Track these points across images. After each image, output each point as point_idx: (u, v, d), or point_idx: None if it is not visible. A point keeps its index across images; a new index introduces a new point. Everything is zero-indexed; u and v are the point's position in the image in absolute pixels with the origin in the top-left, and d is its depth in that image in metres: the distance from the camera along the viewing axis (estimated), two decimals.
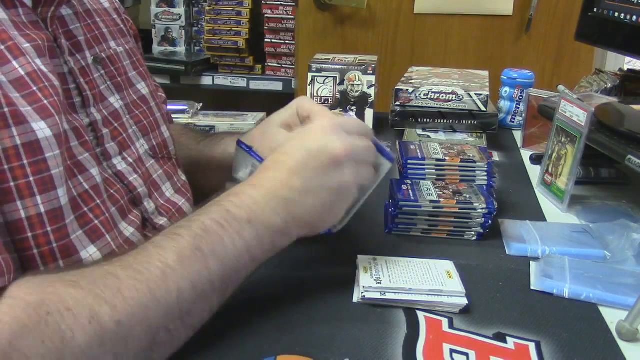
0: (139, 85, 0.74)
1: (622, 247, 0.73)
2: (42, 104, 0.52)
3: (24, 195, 0.49)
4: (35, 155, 0.50)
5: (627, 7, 0.93)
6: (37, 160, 0.50)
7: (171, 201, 0.73)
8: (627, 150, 0.80)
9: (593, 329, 0.59)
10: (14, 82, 0.51)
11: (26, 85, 0.51)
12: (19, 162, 0.49)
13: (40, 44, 0.55)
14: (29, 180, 0.50)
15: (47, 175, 0.51)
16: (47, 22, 0.59)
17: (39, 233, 0.51)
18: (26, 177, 0.50)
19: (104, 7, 0.74)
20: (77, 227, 0.55)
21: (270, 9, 2.11)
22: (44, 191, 0.51)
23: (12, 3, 0.55)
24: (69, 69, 0.61)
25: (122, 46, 0.73)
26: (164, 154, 0.75)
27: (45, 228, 0.51)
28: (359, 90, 1.16)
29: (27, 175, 0.50)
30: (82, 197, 0.56)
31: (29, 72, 0.52)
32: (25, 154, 0.49)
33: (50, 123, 0.52)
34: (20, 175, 0.49)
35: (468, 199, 0.75)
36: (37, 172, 0.50)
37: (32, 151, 0.50)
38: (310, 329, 0.57)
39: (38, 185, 0.50)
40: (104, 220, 0.58)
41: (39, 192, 0.50)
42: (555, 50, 1.90)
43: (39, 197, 0.50)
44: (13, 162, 0.49)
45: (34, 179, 0.50)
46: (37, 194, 0.50)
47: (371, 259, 0.66)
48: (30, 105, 0.51)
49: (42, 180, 0.51)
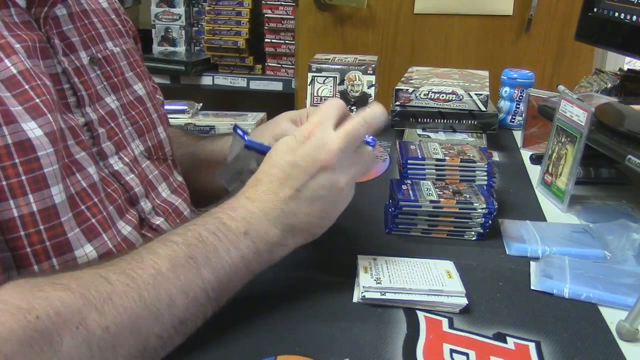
0: (135, 86, 0.74)
1: (622, 247, 0.73)
2: (34, 103, 0.52)
3: (16, 194, 0.50)
4: (27, 154, 0.50)
5: (627, 7, 0.93)
6: (29, 159, 0.50)
7: (167, 201, 0.73)
8: (627, 150, 0.80)
9: (593, 329, 0.59)
10: (5, 81, 0.51)
11: (18, 84, 0.51)
12: (11, 161, 0.49)
13: (29, 45, 0.55)
14: (20, 179, 0.50)
15: (39, 174, 0.51)
16: (40, 22, 0.59)
17: (32, 231, 0.51)
18: (18, 176, 0.50)
19: (102, 7, 0.74)
20: (74, 224, 0.55)
21: (270, 9, 2.11)
22: (37, 190, 0.51)
23: (4, 3, 0.55)
24: (63, 69, 0.61)
25: (120, 47, 0.73)
26: (159, 155, 0.76)
27: (37, 226, 0.51)
28: (359, 90, 1.16)
29: (19, 174, 0.50)
30: (80, 195, 0.56)
31: (21, 70, 0.52)
32: (16, 152, 0.50)
33: (42, 122, 0.52)
34: (12, 174, 0.49)
35: (468, 199, 0.75)
36: (29, 171, 0.50)
37: (23, 150, 0.50)
38: (310, 329, 0.57)
39: (30, 184, 0.50)
40: (101, 219, 0.58)
41: (31, 190, 0.51)
42: (555, 50, 1.90)
43: (31, 196, 0.51)
44: (4, 161, 0.49)
45: (26, 178, 0.50)
46: (29, 193, 0.50)
47: (371, 259, 0.66)
48: (21, 105, 0.51)
49: (35, 178, 0.51)
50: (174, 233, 0.54)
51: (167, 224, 0.70)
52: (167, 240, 0.53)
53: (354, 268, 0.66)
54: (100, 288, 0.47)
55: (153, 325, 0.48)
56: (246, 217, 0.56)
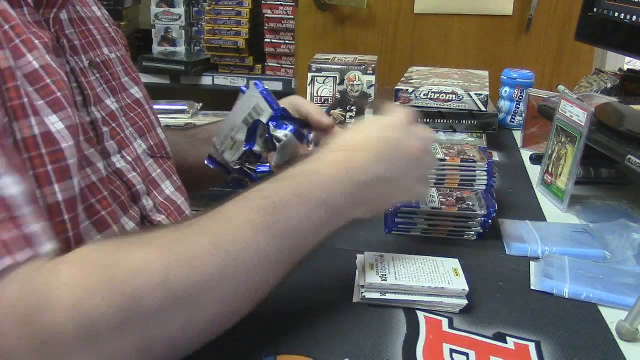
0: (132, 89, 0.75)
1: (622, 247, 0.73)
2: (56, 97, 0.52)
3: (42, 183, 0.50)
4: (53, 145, 0.51)
5: (627, 7, 0.93)
6: (54, 150, 0.51)
7: (170, 199, 0.74)
8: (627, 150, 0.80)
9: (593, 329, 0.59)
10: (28, 75, 0.51)
11: (40, 79, 0.52)
12: (37, 151, 0.50)
13: (47, 42, 0.56)
14: (47, 169, 0.50)
15: (64, 165, 0.52)
16: (49, 22, 0.60)
17: (57, 221, 0.51)
18: (44, 167, 0.50)
19: (97, 16, 0.75)
20: (84, 217, 0.55)
21: (270, 9, 2.11)
22: (62, 180, 0.51)
23: (17, 2, 0.56)
24: (71, 68, 0.62)
25: (115, 53, 0.75)
26: (162, 154, 0.76)
27: (62, 216, 0.52)
28: (359, 90, 1.16)
29: (45, 164, 0.50)
30: (90, 189, 0.57)
31: (42, 65, 0.53)
32: (43, 143, 0.50)
33: (63, 116, 0.52)
34: (39, 164, 0.50)
35: (471, 207, 0.75)
36: (55, 162, 0.51)
37: (49, 141, 0.50)
38: (310, 329, 0.57)
39: (56, 174, 0.51)
40: (111, 211, 0.59)
41: (57, 180, 0.51)
42: (555, 50, 1.90)
43: (56, 186, 0.51)
44: (32, 152, 0.49)
45: (52, 168, 0.50)
46: (54, 182, 0.51)
47: (378, 255, 0.66)
48: (43, 99, 0.51)
49: (60, 169, 0.51)
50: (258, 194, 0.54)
51: (168, 221, 0.70)
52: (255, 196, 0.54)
53: (354, 268, 0.66)
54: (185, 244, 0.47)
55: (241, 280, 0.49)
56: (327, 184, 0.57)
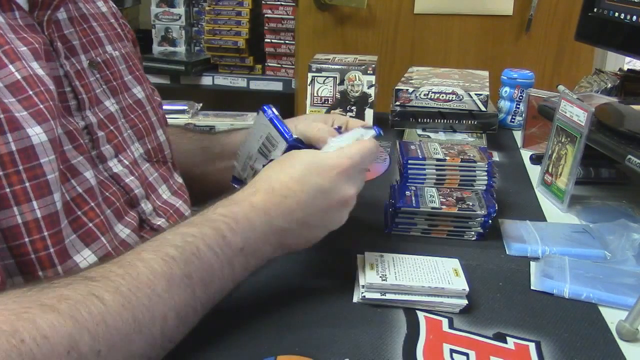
0: (134, 89, 0.74)
1: (622, 247, 0.73)
2: (38, 109, 0.52)
3: (20, 200, 0.50)
4: (31, 160, 0.50)
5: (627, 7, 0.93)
6: (32, 166, 0.50)
7: (168, 202, 0.73)
8: (627, 150, 0.80)
9: (593, 329, 0.59)
10: (10, 86, 0.51)
11: (22, 90, 0.51)
12: (15, 168, 0.49)
13: (37, 47, 0.55)
14: (24, 185, 0.50)
15: (42, 180, 0.51)
16: (43, 25, 0.59)
17: (36, 238, 0.51)
18: (22, 183, 0.50)
19: (101, 12, 0.74)
20: (70, 231, 0.55)
21: (270, 9, 2.11)
22: (40, 196, 0.51)
23: (8, 6, 0.55)
24: (65, 72, 0.61)
25: (119, 50, 0.73)
26: (158, 158, 0.76)
27: (42, 233, 0.51)
28: (359, 90, 1.16)
29: (23, 180, 0.50)
30: (76, 201, 0.56)
31: (25, 76, 0.52)
32: (20, 159, 0.49)
33: (45, 128, 0.52)
34: (15, 181, 0.49)
35: (471, 207, 0.75)
36: (32, 178, 0.50)
37: (27, 157, 0.50)
38: (310, 329, 0.57)
39: (34, 191, 0.50)
40: (99, 222, 0.58)
41: (35, 197, 0.50)
42: (555, 50, 1.90)
43: (35, 203, 0.50)
44: (8, 169, 0.49)
45: (30, 184, 0.50)
46: (33, 199, 0.50)
47: (378, 255, 0.66)
48: (26, 110, 0.51)
49: (38, 185, 0.51)
50: (170, 243, 0.52)
51: (168, 224, 0.70)
52: (164, 255, 0.51)
53: (354, 268, 0.66)
54: (92, 309, 0.44)
55: (144, 346, 0.47)
56: (246, 232, 0.56)
